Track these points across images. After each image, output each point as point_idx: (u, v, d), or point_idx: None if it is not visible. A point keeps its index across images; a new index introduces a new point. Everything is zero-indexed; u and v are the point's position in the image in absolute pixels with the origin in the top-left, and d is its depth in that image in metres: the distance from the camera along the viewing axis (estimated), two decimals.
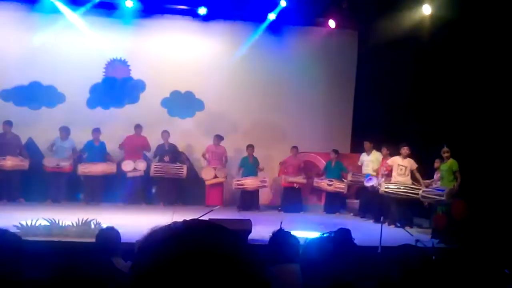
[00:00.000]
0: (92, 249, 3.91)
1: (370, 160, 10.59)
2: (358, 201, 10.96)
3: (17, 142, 10.53)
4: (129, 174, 10.77)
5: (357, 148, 11.59)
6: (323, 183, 11.02)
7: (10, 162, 10.11)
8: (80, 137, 10.82)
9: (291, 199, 11.04)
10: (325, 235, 2.20)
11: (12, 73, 11.10)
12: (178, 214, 8.60)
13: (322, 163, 11.59)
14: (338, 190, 10.88)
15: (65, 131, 10.67)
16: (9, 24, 11.14)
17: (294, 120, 12.20)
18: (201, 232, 0.81)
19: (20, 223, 6.59)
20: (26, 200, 10.19)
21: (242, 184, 10.86)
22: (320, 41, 12.22)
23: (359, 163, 10.85)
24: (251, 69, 12.09)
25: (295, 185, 11.09)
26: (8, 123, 10.45)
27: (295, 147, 11.27)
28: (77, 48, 11.41)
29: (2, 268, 1.30)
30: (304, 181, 11.11)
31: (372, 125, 11.14)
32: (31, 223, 6.67)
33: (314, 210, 11.22)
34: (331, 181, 10.94)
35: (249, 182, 10.88)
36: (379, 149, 10.47)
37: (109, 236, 3.56)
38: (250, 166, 11.07)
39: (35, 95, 11.32)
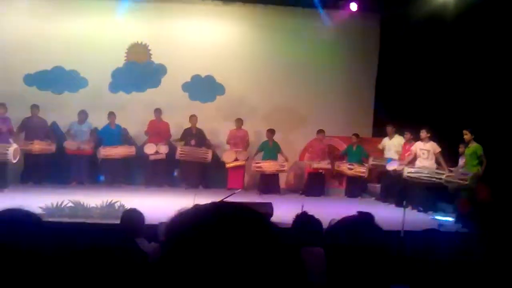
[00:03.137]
0: (116, 230, 3.97)
1: (393, 144, 10.50)
2: (379, 185, 10.89)
3: (44, 126, 10.71)
4: (151, 157, 10.88)
5: (379, 132, 11.49)
6: (344, 167, 10.97)
7: (37, 146, 10.28)
8: (103, 121, 10.96)
9: (314, 184, 11.03)
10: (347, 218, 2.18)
11: (36, 58, 11.24)
12: (200, 197, 8.64)
13: (343, 147, 11.52)
14: (359, 174, 10.82)
15: (83, 115, 10.80)
16: (32, 9, 11.24)
17: (315, 104, 12.13)
18: (231, 213, 0.80)
19: (46, 205, 6.72)
20: (52, 183, 10.38)
21: (260, 167, 10.88)
22: (342, 24, 12.06)
23: (381, 147, 10.77)
24: (272, 53, 12.01)
25: (320, 171, 11.06)
26: (35, 107, 10.61)
27: (321, 131, 11.20)
28: (99, 33, 11.49)
29: (22, 248, 1.32)
30: (329, 166, 11.07)
31: (394, 109, 11.01)
32: (57, 205, 6.79)
33: (335, 194, 11.20)
34: (352, 165, 10.88)
35: (267, 165, 10.89)
36: (401, 134, 10.36)
37: (133, 218, 3.61)
38: (270, 150, 11.07)
39: (58, 79, 11.46)
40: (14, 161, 9.39)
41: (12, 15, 11.20)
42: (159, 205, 6.90)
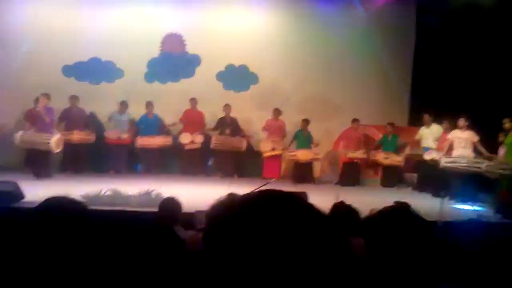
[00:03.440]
0: (154, 218, 4.04)
1: (430, 133, 10.30)
2: (416, 175, 10.71)
3: (83, 116, 10.96)
4: (187, 147, 11.01)
5: (415, 121, 11.29)
6: (380, 157, 10.84)
7: (77, 136, 10.53)
8: (139, 111, 11.14)
9: (349, 173, 10.94)
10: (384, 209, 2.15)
11: (73, 50, 11.48)
12: (234, 186, 8.70)
13: (379, 136, 11.38)
14: (395, 163, 10.68)
15: (123, 105, 11.00)
16: (70, 2, 11.47)
17: (349, 93, 11.98)
18: (281, 201, 0.79)
19: (85, 193, 6.89)
20: (90, 171, 10.65)
21: (294, 155, 10.86)
22: (377, 11, 11.84)
23: (418, 137, 10.58)
24: (306, 41, 11.92)
25: (355, 160, 10.97)
26: (75, 98, 10.86)
27: (356, 120, 11.09)
28: (134, 23, 11.64)
29: (68, 236, 1.35)
30: (365, 156, 10.96)
31: (431, 97, 10.77)
32: (96, 193, 6.95)
33: (370, 184, 11.08)
34: (388, 154, 10.74)
35: (302, 154, 10.86)
36: (438, 122, 10.15)
37: (171, 206, 3.66)
38: (304, 140, 11.03)
39: (95, 70, 11.70)
40: (57, 151, 9.64)
41: (50, 7, 11.44)
42: (195, 194, 6.98)
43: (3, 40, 11.20)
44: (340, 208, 3.12)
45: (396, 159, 10.64)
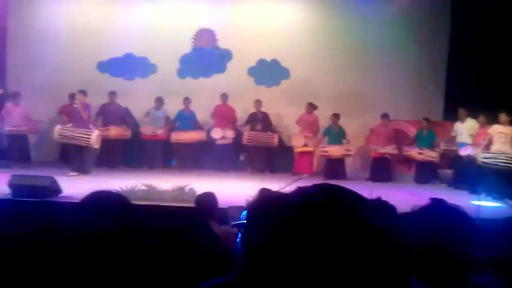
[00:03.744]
0: (190, 213, 4.09)
1: (465, 128, 10.07)
2: (451, 171, 10.51)
3: (120, 112, 11.17)
4: (218, 142, 11.09)
5: (450, 115, 11.05)
6: (414, 152, 10.67)
7: (113, 131, 10.73)
8: (172, 106, 11.27)
9: (380, 169, 10.82)
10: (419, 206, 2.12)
11: (107, 46, 11.69)
12: (266, 181, 8.73)
13: (412, 131, 11.20)
14: (430, 159, 10.49)
15: (159, 101, 11.15)
16: None
17: (382, 87, 11.81)
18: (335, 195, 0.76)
19: (121, 188, 7.02)
20: (125, 166, 10.85)
21: (326, 151, 10.80)
22: (411, 3, 11.62)
23: (453, 133, 10.36)
24: (338, 35, 11.81)
25: (386, 156, 10.84)
26: (113, 94, 11.07)
27: (385, 115, 10.95)
28: (167, 19, 11.78)
29: (113, 228, 1.38)
30: (396, 151, 10.81)
31: (467, 91, 10.52)
32: (131, 188, 7.08)
33: (403, 180, 10.91)
34: (422, 149, 10.55)
35: (334, 150, 10.79)
36: (474, 117, 9.93)
37: (207, 201, 3.70)
38: (335, 135, 10.95)
39: (129, 66, 11.89)
40: (97, 147, 9.83)
41: (84, 4, 11.67)
42: (226, 190, 7.02)
43: (39, 38, 11.48)
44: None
45: (431, 155, 10.45)
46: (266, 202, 0.96)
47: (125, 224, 1.37)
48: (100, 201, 1.42)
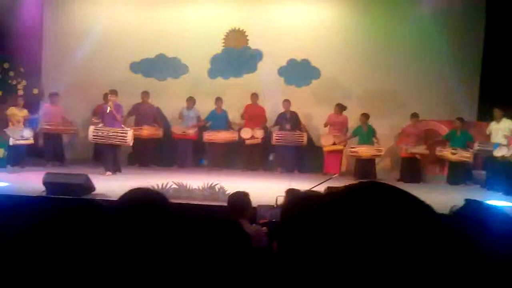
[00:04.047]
0: (221, 211, 4.13)
1: (500, 128, 9.84)
2: (485, 172, 10.28)
3: (153, 112, 11.34)
4: (248, 142, 11.14)
5: (485, 115, 10.81)
6: (447, 152, 10.48)
7: (146, 131, 10.91)
8: (203, 106, 11.37)
9: (410, 170, 10.67)
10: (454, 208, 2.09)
11: (140, 47, 11.88)
12: (295, 181, 8.74)
13: (444, 131, 11.00)
14: (463, 159, 10.28)
15: (191, 101, 11.27)
16: (135, 1, 11.86)
17: (413, 86, 11.63)
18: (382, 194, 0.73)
19: (152, 186, 7.13)
20: (156, 165, 11.01)
21: (356, 152, 10.71)
22: (443, 3, 11.41)
23: (487, 133, 10.14)
24: (369, 34, 11.68)
25: (416, 156, 10.69)
26: (146, 94, 11.26)
27: (415, 114, 10.80)
28: (198, 20, 11.89)
29: (151, 225, 1.42)
30: (427, 152, 10.64)
31: (502, 91, 10.28)
32: (162, 186, 7.18)
33: (435, 181, 10.74)
34: (456, 149, 10.35)
35: (363, 150, 10.69)
36: (509, 117, 9.69)
37: (240, 199, 3.74)
38: (365, 135, 10.85)
39: (161, 66, 12.06)
40: (131, 145, 9.99)
41: (117, 5, 11.87)
42: (256, 189, 7.04)
43: (74, 39, 11.74)
44: None
45: (465, 155, 10.25)
46: (302, 202, 0.97)
47: (162, 220, 1.40)
48: (138, 198, 1.47)
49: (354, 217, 0.70)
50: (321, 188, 4.91)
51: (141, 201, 1.46)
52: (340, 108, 11.08)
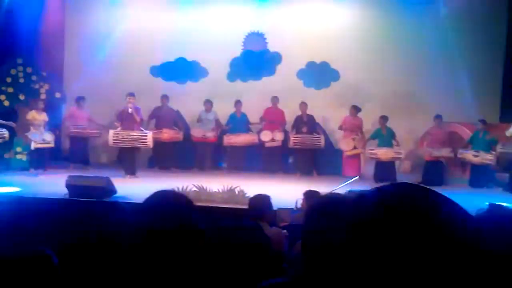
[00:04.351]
0: (241, 214, 4.14)
1: None
2: (508, 174, 10.11)
3: (172, 115, 11.43)
4: (267, 144, 11.15)
5: (508, 117, 10.63)
6: (469, 155, 10.33)
7: (166, 134, 10.99)
8: (222, 109, 11.41)
9: (434, 172, 10.54)
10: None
11: (160, 50, 11.97)
12: (314, 184, 8.70)
13: (467, 134, 10.85)
14: (486, 162, 10.13)
15: (209, 104, 11.32)
16: (154, 3, 11.96)
17: (434, 88, 11.49)
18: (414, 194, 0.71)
19: (173, 189, 7.17)
20: (176, 168, 11.08)
21: (375, 154, 10.63)
22: (465, 2, 11.28)
23: (508, 134, 9.98)
24: (388, 36, 11.60)
25: (441, 159, 10.56)
26: (165, 97, 11.35)
27: (438, 117, 10.68)
28: (217, 23, 11.94)
29: (179, 226, 1.43)
30: (451, 154, 10.50)
31: None
32: (182, 189, 7.22)
33: (457, 184, 10.59)
34: (478, 152, 10.20)
35: (383, 153, 10.59)
36: None
37: (261, 202, 3.74)
38: (384, 137, 10.75)
39: (180, 70, 12.15)
40: (151, 147, 10.04)
41: (137, 9, 11.99)
42: (275, 192, 7.02)
43: (94, 43, 11.90)
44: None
45: (487, 158, 10.09)
46: (328, 204, 0.96)
47: (187, 222, 1.41)
48: (163, 200, 1.48)
49: (390, 219, 0.68)
50: (341, 191, 4.89)
51: (167, 203, 1.48)
52: (355, 110, 11.02)
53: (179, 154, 11.32)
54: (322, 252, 0.75)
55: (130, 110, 9.87)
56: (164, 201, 1.48)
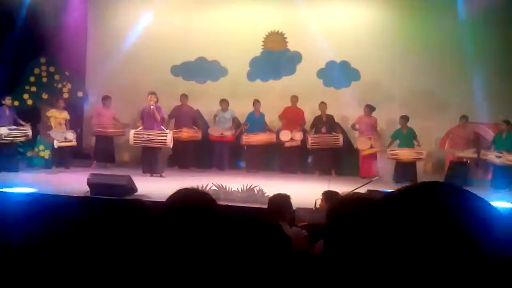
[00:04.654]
0: (261, 213, 4.15)
1: None
2: None
3: (192, 114, 11.50)
4: (287, 144, 11.14)
5: None
6: (491, 156, 10.16)
7: (185, 133, 11.05)
8: (242, 109, 11.43)
9: (457, 174, 10.38)
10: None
11: (181, 50, 12.04)
12: (333, 184, 8.64)
13: (490, 135, 10.68)
14: (509, 163, 9.97)
15: (225, 103, 11.35)
16: (175, 3, 12.03)
17: (456, 88, 11.30)
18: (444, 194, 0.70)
19: (192, 187, 7.21)
20: (195, 167, 11.14)
21: (396, 155, 10.53)
22: (488, 1, 11.08)
23: None
24: (410, 34, 11.46)
25: (464, 160, 10.42)
26: (185, 96, 11.43)
27: (464, 117, 10.52)
28: (237, 23, 11.97)
29: (200, 225, 1.44)
30: (475, 155, 10.34)
31: None
32: (202, 187, 7.25)
33: (479, 185, 10.41)
34: (501, 153, 10.03)
35: (404, 153, 10.49)
36: None
37: (281, 202, 3.74)
38: (405, 137, 10.64)
39: (200, 69, 12.20)
40: (170, 147, 10.10)
41: (158, 9, 12.06)
42: (294, 191, 7.01)
43: (117, 43, 12.00)
44: None
45: (510, 159, 9.92)
46: (352, 204, 0.95)
47: (210, 221, 1.42)
48: (186, 198, 1.49)
49: (422, 219, 0.67)
50: (360, 191, 4.85)
51: (190, 201, 1.49)
52: (370, 109, 10.94)
53: (198, 153, 11.39)
54: (347, 251, 0.75)
55: (152, 106, 9.93)
56: (188, 199, 1.49)
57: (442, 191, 0.72)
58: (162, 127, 10.20)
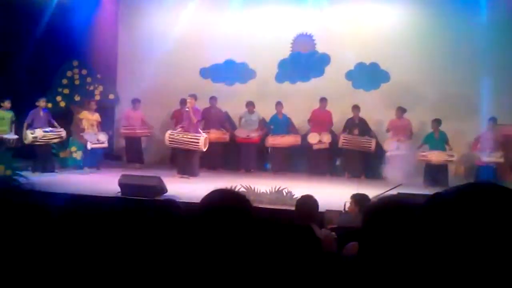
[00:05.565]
0: (290, 215, 4.16)
1: None
2: None
3: (221, 116, 11.58)
4: (315, 147, 11.09)
5: None
6: None
7: (213, 135, 11.13)
8: (269, 111, 11.44)
9: (485, 176, 10.18)
10: None
11: (210, 53, 12.11)
12: (363, 186, 8.59)
13: None
14: None
15: (251, 105, 11.39)
16: (204, 6, 12.14)
17: (489, 90, 11.07)
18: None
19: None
20: (223, 169, 11.20)
21: (425, 156, 10.37)
22: None
23: None
24: (441, 36, 11.28)
25: (491, 164, 10.19)
26: (214, 99, 11.53)
27: (492, 119, 10.32)
28: (266, 25, 11.99)
29: (233, 226, 1.46)
30: (501, 159, 10.10)
31: None
32: (231, 188, 7.29)
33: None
34: None
35: (435, 156, 10.32)
36: None
37: (309, 204, 3.75)
38: (436, 141, 10.47)
39: (229, 72, 12.28)
40: (204, 150, 10.15)
41: (188, 12, 12.19)
42: (323, 194, 7.00)
43: (147, 46, 12.18)
44: None
45: None
46: (392, 206, 0.95)
47: (244, 221, 1.44)
48: (220, 198, 1.52)
49: (473, 221, 0.67)
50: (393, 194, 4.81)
51: (227, 202, 1.51)
52: (401, 111, 10.79)
53: (226, 155, 11.46)
54: (389, 254, 0.74)
55: (187, 108, 10.05)
56: (225, 199, 1.52)
57: (494, 192, 0.70)
58: (199, 129, 10.26)
